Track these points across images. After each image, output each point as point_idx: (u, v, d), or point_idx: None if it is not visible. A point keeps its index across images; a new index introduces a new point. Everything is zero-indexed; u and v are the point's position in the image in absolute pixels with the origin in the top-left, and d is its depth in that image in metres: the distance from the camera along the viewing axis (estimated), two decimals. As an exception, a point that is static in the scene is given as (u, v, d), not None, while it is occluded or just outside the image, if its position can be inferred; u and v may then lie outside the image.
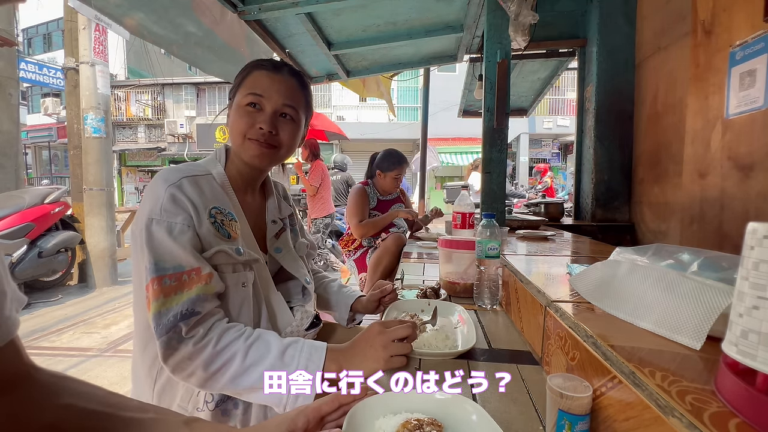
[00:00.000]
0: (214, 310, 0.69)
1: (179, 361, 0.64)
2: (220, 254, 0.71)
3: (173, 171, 0.73)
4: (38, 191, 3.56)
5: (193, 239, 0.68)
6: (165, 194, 0.68)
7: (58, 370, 0.44)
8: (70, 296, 3.76)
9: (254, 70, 0.80)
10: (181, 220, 0.68)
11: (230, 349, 0.65)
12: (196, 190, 0.71)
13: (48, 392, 0.41)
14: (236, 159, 0.82)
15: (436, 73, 10.99)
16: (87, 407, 0.42)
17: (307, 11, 1.93)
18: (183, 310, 0.64)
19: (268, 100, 0.78)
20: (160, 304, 0.64)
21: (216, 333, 0.66)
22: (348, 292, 1.08)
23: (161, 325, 0.63)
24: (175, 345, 0.63)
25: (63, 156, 15.50)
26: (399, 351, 0.69)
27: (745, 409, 0.33)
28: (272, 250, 0.87)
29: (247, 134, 0.78)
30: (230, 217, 0.75)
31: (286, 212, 0.96)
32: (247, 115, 0.78)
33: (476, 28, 2.42)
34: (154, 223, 0.66)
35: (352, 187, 2.46)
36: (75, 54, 3.93)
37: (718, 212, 1.37)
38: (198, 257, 0.68)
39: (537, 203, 2.56)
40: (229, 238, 0.73)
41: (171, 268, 0.65)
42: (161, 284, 0.64)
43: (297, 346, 0.68)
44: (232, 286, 0.73)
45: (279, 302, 0.83)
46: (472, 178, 5.40)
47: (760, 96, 1.16)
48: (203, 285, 0.67)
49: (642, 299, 0.56)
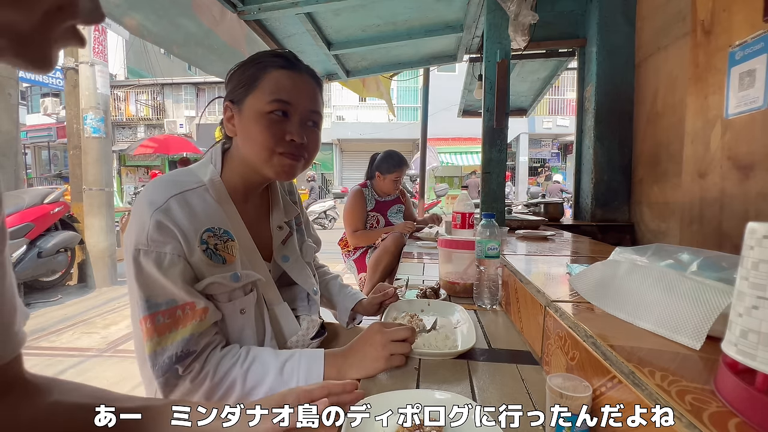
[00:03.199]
0: (210, 341, 0.66)
1: (180, 396, 0.63)
2: (214, 285, 0.66)
3: (158, 190, 0.65)
4: (38, 191, 3.56)
5: (184, 271, 0.63)
6: (151, 222, 0.62)
7: (47, 373, 0.45)
8: (70, 296, 3.75)
9: (271, 69, 0.71)
10: (170, 250, 0.62)
11: (228, 378, 0.64)
12: (185, 212, 0.64)
13: (37, 393, 0.42)
14: (242, 166, 0.74)
15: (435, 73, 11.00)
16: (75, 401, 0.44)
17: (306, 11, 1.93)
18: (178, 351, 0.62)
19: (295, 107, 0.71)
20: (155, 344, 0.61)
21: (212, 365, 0.64)
22: (349, 293, 1.07)
23: (157, 365, 0.61)
24: (174, 383, 0.62)
25: (63, 156, 15.47)
26: (398, 350, 0.69)
27: (744, 409, 0.33)
28: (279, 259, 0.83)
29: (276, 148, 0.69)
30: (226, 237, 0.68)
31: (292, 213, 0.90)
32: (274, 125, 0.69)
33: (476, 28, 2.42)
34: (141, 255, 0.61)
35: (350, 189, 2.46)
36: (74, 54, 3.92)
37: (718, 212, 1.37)
38: (190, 291, 0.64)
39: (537, 203, 2.56)
40: (224, 263, 0.67)
41: (163, 303, 0.62)
42: (154, 322, 0.61)
43: (294, 360, 0.67)
44: (230, 315, 0.70)
45: (285, 313, 0.80)
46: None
47: (760, 96, 1.16)
48: (198, 322, 0.63)
49: (642, 299, 0.56)
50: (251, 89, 0.70)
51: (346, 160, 16.77)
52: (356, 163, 15.96)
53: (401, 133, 14.11)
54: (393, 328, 0.71)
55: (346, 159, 16.79)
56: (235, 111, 0.72)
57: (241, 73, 0.73)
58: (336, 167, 16.58)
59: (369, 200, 2.38)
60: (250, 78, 0.71)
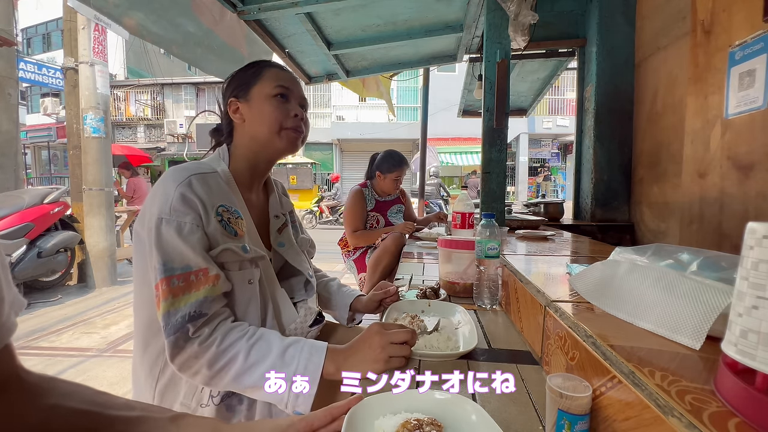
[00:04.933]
0: (221, 310, 0.70)
1: (186, 359, 0.66)
2: (226, 252, 0.72)
3: (181, 170, 0.74)
4: (37, 191, 3.56)
5: (202, 239, 0.69)
6: (175, 193, 0.69)
7: (47, 373, 0.44)
8: (70, 296, 3.75)
9: (268, 68, 0.85)
10: (191, 220, 0.69)
11: (233, 349, 0.67)
12: (205, 188, 0.73)
13: (35, 393, 0.41)
14: (249, 151, 0.85)
15: (435, 73, 11.00)
16: (74, 407, 0.43)
17: (306, 11, 1.93)
18: (191, 311, 0.66)
19: (292, 92, 0.84)
20: (168, 305, 0.65)
21: (220, 333, 0.68)
22: (347, 291, 1.08)
23: (170, 325, 0.65)
24: (182, 344, 0.65)
25: (62, 156, 15.48)
26: (398, 353, 0.69)
27: (744, 409, 0.33)
28: (276, 244, 0.89)
29: (284, 123, 0.82)
30: (236, 215, 0.76)
31: (287, 208, 1.00)
32: (281, 105, 0.82)
33: (476, 28, 2.42)
34: (163, 223, 0.67)
35: (351, 189, 2.46)
36: (74, 54, 3.92)
37: (718, 212, 1.37)
38: (206, 258, 0.69)
39: (537, 203, 2.56)
40: (236, 236, 0.74)
41: (179, 268, 0.67)
42: (170, 285, 0.66)
43: (298, 346, 0.69)
44: (239, 283, 0.74)
45: (283, 299, 0.84)
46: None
47: (760, 96, 1.16)
48: (210, 286, 0.68)
49: (641, 299, 0.56)
50: (256, 81, 0.83)
51: (346, 160, 16.76)
52: (356, 163, 15.96)
53: (401, 133, 14.11)
54: (393, 330, 0.71)
55: (346, 159, 16.79)
56: (241, 102, 0.83)
57: (242, 74, 0.85)
58: (336, 167, 16.58)
59: (369, 200, 2.38)
60: (253, 74, 0.84)
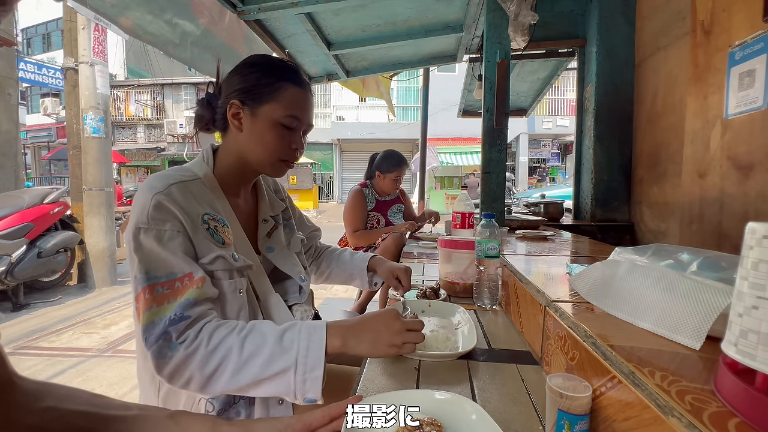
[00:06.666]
0: (206, 312, 0.66)
1: (173, 368, 0.61)
2: (218, 260, 0.70)
3: (160, 178, 0.71)
4: (37, 191, 3.56)
5: (183, 244, 0.67)
6: (151, 202, 0.66)
7: (48, 373, 0.44)
8: (70, 296, 3.75)
9: (288, 85, 0.78)
10: (170, 227, 0.66)
11: (224, 345, 0.62)
12: (186, 197, 0.70)
13: (30, 397, 0.41)
14: (237, 161, 0.80)
15: (435, 73, 11.00)
16: (71, 408, 0.43)
17: (306, 11, 1.93)
18: (173, 315, 0.62)
19: (302, 122, 0.80)
20: (152, 314, 0.62)
21: (206, 333, 0.63)
22: (360, 256, 1.14)
23: (153, 334, 0.61)
24: (166, 352, 0.61)
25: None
26: (413, 339, 0.69)
27: (744, 409, 0.33)
28: (264, 249, 0.87)
29: (282, 156, 0.79)
30: (222, 223, 0.74)
31: (278, 208, 0.96)
32: (285, 136, 0.78)
33: (476, 28, 2.42)
34: (141, 233, 0.65)
35: (351, 189, 2.46)
36: (74, 54, 3.92)
37: (718, 212, 1.37)
38: (189, 262, 0.66)
39: (537, 203, 2.56)
40: (223, 245, 0.72)
41: (163, 276, 0.64)
42: (153, 293, 0.62)
43: (295, 329, 0.65)
44: (230, 293, 0.72)
45: (277, 303, 0.82)
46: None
47: (760, 96, 1.16)
48: (195, 289, 0.65)
49: (641, 299, 0.56)
50: (269, 99, 0.77)
51: (346, 160, 16.77)
52: (356, 163, 15.97)
53: (401, 133, 14.11)
54: (408, 319, 0.74)
55: (346, 159, 16.80)
56: (245, 111, 0.77)
57: (257, 78, 0.77)
58: (336, 167, 16.59)
59: (369, 200, 2.38)
60: (270, 90, 0.77)
